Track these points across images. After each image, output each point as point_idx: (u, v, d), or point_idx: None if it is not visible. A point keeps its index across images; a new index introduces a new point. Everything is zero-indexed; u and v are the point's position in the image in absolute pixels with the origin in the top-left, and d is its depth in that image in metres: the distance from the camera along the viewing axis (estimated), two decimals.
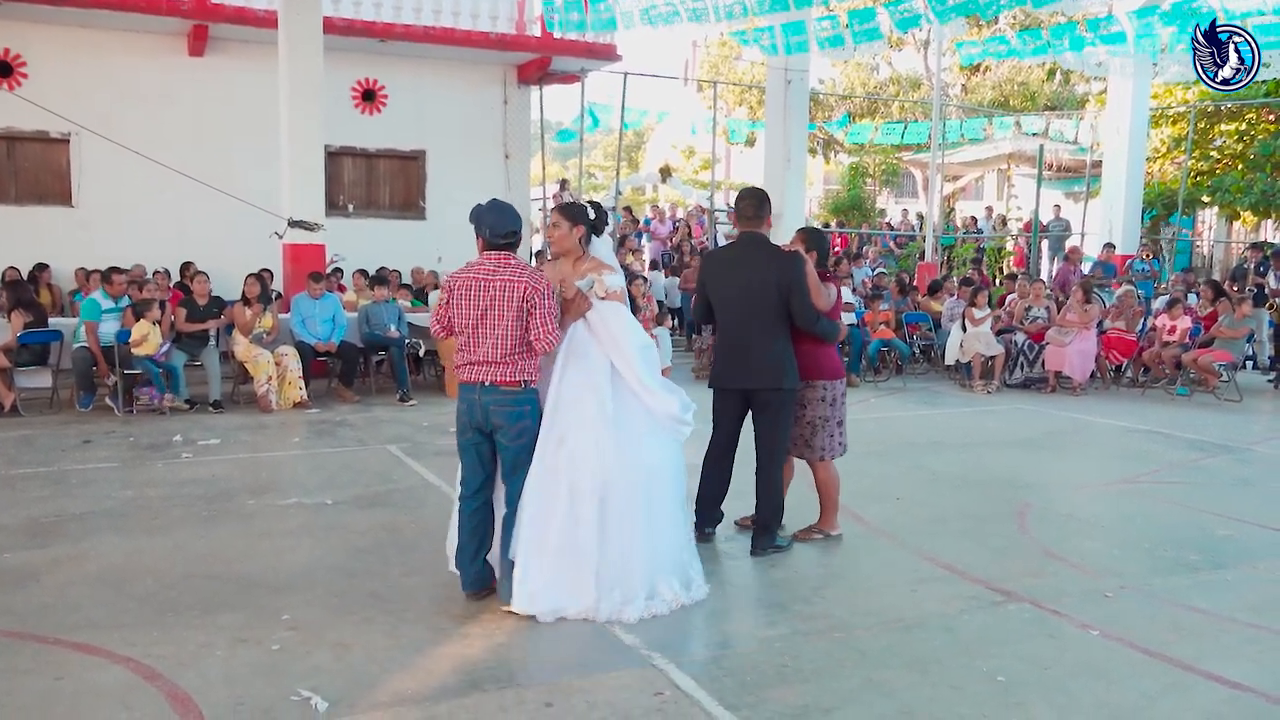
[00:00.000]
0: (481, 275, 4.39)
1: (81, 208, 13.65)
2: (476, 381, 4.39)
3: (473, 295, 4.37)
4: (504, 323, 4.33)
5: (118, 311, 9.52)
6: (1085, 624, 4.36)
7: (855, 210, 24.36)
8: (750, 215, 5.28)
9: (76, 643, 3.99)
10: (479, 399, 4.39)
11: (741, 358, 5.18)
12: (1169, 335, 11.74)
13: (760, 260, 5.16)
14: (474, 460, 4.49)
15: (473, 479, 4.51)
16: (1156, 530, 5.91)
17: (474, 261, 4.48)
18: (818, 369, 5.34)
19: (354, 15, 13.90)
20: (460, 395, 4.47)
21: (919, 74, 29.67)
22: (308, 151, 11.24)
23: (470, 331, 4.39)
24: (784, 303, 5.09)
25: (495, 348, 4.35)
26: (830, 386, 5.39)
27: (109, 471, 7.03)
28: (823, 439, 5.40)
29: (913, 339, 13.15)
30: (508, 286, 4.34)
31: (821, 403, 5.39)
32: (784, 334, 5.16)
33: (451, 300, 4.43)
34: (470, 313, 4.37)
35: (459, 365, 4.48)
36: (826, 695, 3.63)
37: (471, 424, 4.43)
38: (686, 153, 37.86)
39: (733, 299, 5.21)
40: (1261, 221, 22.19)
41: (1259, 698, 3.69)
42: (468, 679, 3.72)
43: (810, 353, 5.30)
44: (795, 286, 5.07)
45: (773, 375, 5.13)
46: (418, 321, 11.12)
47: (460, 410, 4.46)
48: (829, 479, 5.49)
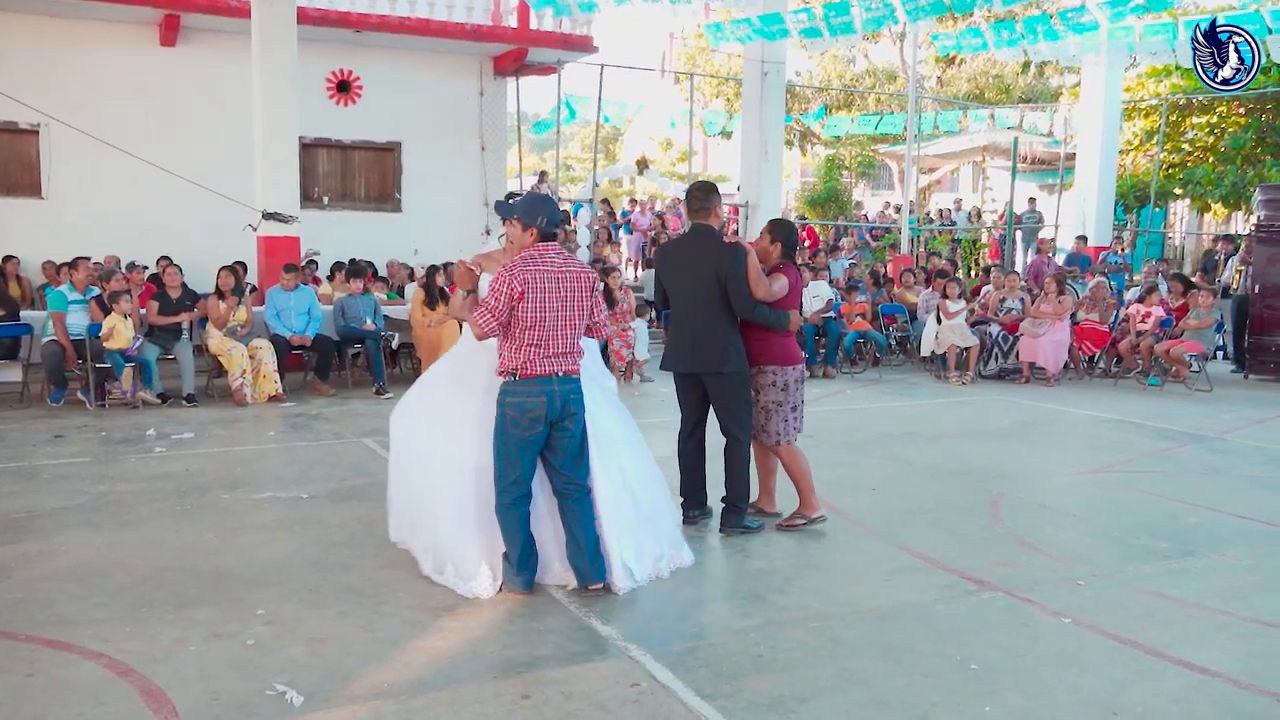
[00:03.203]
0: (554, 269, 4.45)
1: (51, 199, 13.51)
2: (553, 373, 4.42)
3: (553, 289, 4.41)
4: (578, 313, 4.48)
5: (85, 303, 9.41)
6: (1058, 612, 4.41)
7: (832, 202, 24.45)
8: (697, 208, 5.50)
9: (48, 639, 3.95)
10: (557, 390, 4.42)
11: (686, 342, 5.43)
12: (1142, 324, 11.87)
13: (704, 251, 5.37)
14: (533, 454, 4.48)
15: (530, 473, 4.49)
16: (1128, 519, 5.97)
17: (531, 255, 4.44)
18: (768, 354, 5.48)
19: (328, 5, 13.80)
20: (531, 390, 4.38)
21: (895, 66, 29.78)
22: (282, 143, 11.15)
23: (550, 324, 4.41)
24: (725, 291, 5.28)
25: (570, 338, 4.48)
26: (780, 372, 5.50)
27: (81, 466, 6.96)
28: (776, 424, 5.51)
29: (889, 331, 13.22)
30: (579, 277, 4.50)
31: (773, 388, 5.50)
32: (728, 321, 5.35)
33: (529, 296, 4.36)
34: (553, 305, 4.40)
35: (527, 360, 4.38)
36: (802, 684, 3.65)
37: (546, 417, 4.41)
38: (664, 145, 37.83)
39: (681, 288, 5.46)
40: (1232, 213, 22.45)
41: (1227, 683, 3.74)
42: (444, 672, 3.71)
43: (762, 339, 5.46)
44: (732, 276, 5.26)
45: (713, 359, 5.33)
46: (394, 314, 11.07)
47: (531, 405, 4.37)
48: (792, 462, 5.58)
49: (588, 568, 4.50)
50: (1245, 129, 19.46)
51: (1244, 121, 19.73)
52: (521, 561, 4.48)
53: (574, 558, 4.54)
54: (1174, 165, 20.34)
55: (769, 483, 5.86)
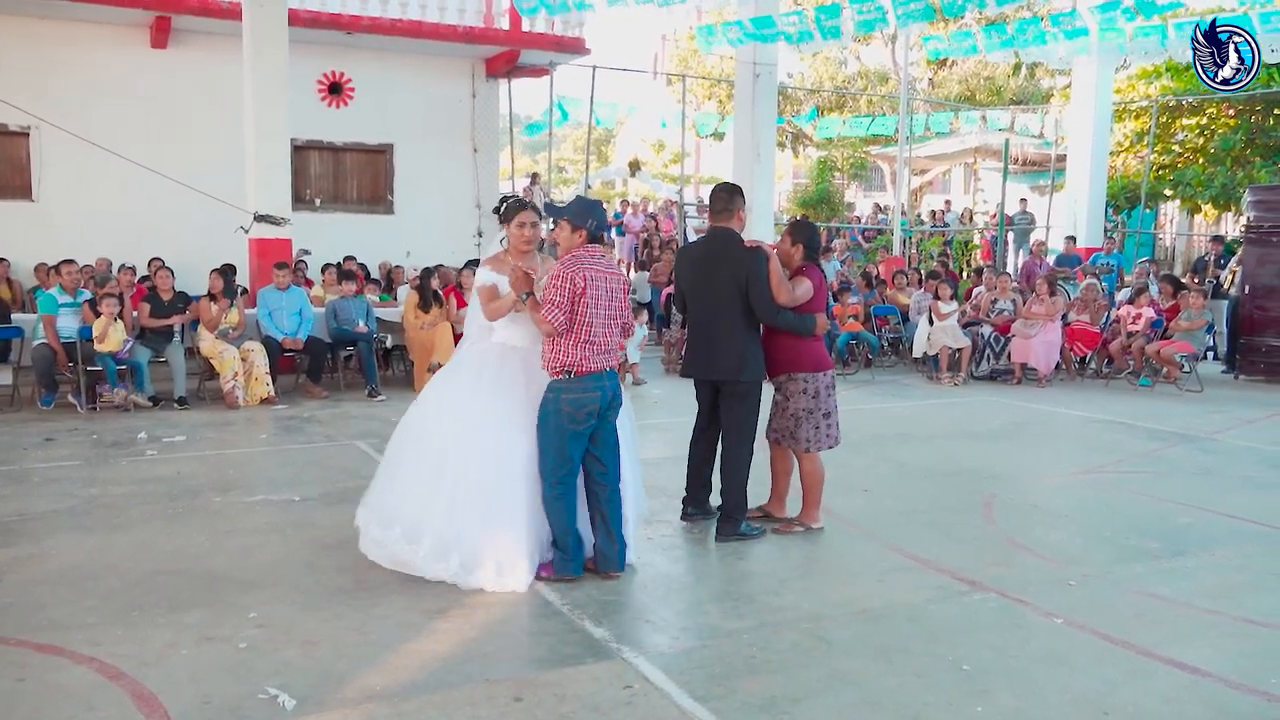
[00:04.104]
0: (604, 268, 4.69)
1: (42, 201, 13.44)
2: (603, 369, 4.66)
3: (603, 288, 4.63)
4: (620, 311, 4.77)
5: (76, 306, 9.38)
6: (1049, 612, 4.42)
7: (824, 204, 24.47)
8: (720, 210, 5.42)
9: (39, 643, 3.94)
10: (608, 384, 4.67)
11: (705, 349, 5.37)
12: (1133, 325, 11.91)
13: (724, 255, 5.30)
14: (583, 447, 4.68)
15: (579, 465, 4.69)
16: (1119, 519, 5.99)
17: (582, 255, 4.64)
18: (798, 361, 5.42)
19: (320, 7, 13.76)
20: (586, 386, 4.59)
21: (886, 68, 29.84)
22: (273, 145, 11.12)
23: (601, 322, 4.62)
24: (746, 297, 5.21)
25: (615, 335, 4.75)
26: (812, 379, 5.44)
27: (72, 469, 6.94)
28: (807, 430, 5.45)
29: (881, 332, 13.25)
30: (618, 278, 4.80)
31: (804, 395, 5.43)
32: (748, 327, 5.28)
33: (589, 295, 4.56)
34: (603, 304, 4.63)
35: (583, 357, 4.57)
36: (794, 685, 3.66)
37: (598, 411, 4.63)
38: (656, 146, 37.84)
39: (700, 293, 5.38)
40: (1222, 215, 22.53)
41: (1218, 682, 3.76)
42: (437, 674, 3.71)
43: (790, 345, 5.40)
44: (753, 281, 5.20)
45: (731, 368, 5.29)
46: (386, 316, 11.06)
47: (587, 400, 4.59)
48: (813, 470, 5.54)
49: (614, 555, 4.73)
50: (1234, 130, 19.54)
51: (1233, 123, 19.80)
52: (575, 548, 4.67)
53: (603, 544, 4.74)
54: (1164, 167, 20.41)
55: (781, 486, 5.77)
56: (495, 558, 4.58)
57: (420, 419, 4.95)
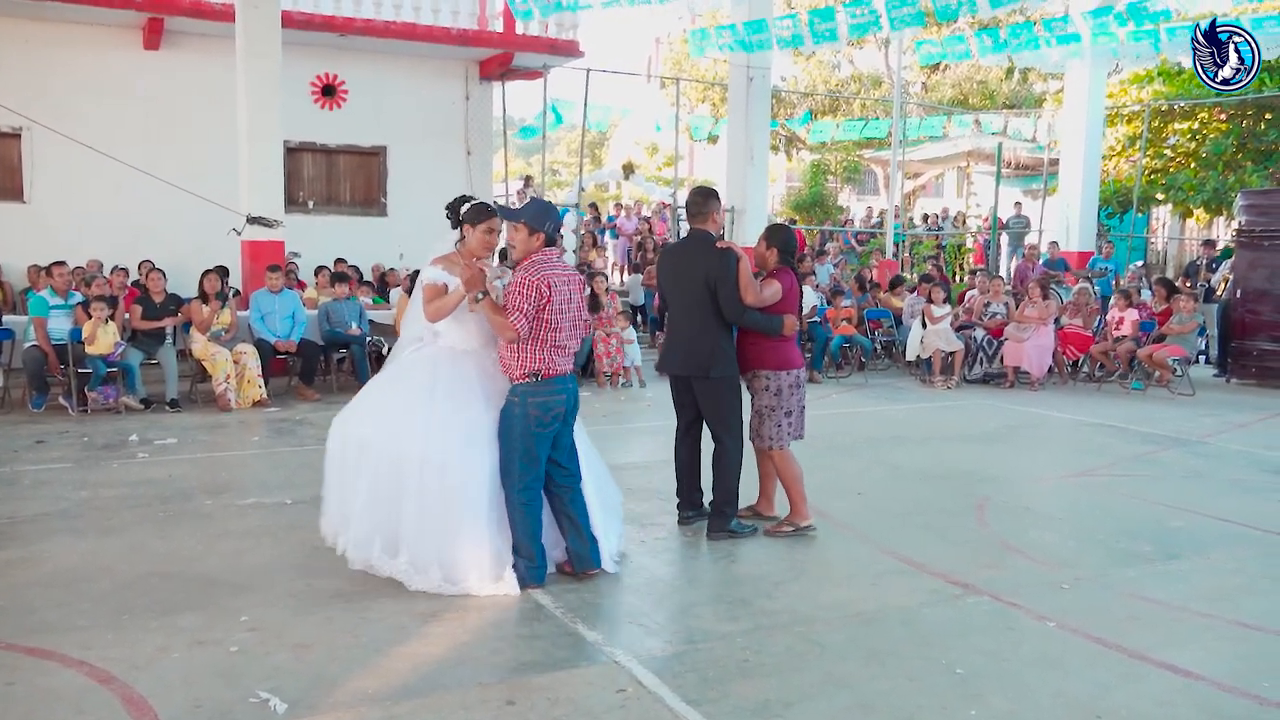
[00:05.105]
0: (564, 271, 4.65)
1: (34, 203, 13.40)
2: (566, 372, 4.66)
3: (564, 291, 4.60)
4: (579, 313, 4.72)
5: (68, 308, 9.35)
6: (1042, 616, 4.43)
7: (817, 207, 24.50)
8: (695, 213, 5.59)
9: (29, 647, 3.92)
10: (571, 387, 4.69)
11: (678, 346, 5.55)
12: (1118, 329, 11.95)
13: (696, 256, 5.46)
14: (548, 450, 4.64)
15: (544, 469, 4.65)
16: (1111, 522, 6.00)
17: (543, 260, 4.61)
18: (762, 359, 5.53)
19: (313, 9, 13.73)
20: (553, 389, 4.58)
21: (880, 72, 29.89)
22: (266, 147, 11.10)
23: (565, 325, 4.60)
24: (715, 297, 5.36)
25: (578, 338, 4.72)
26: (774, 376, 5.52)
27: (63, 472, 6.91)
28: (769, 428, 5.53)
29: (874, 335, 13.26)
30: (576, 280, 4.76)
31: (766, 392, 5.53)
32: (720, 325, 5.43)
33: (554, 299, 4.53)
34: (565, 307, 4.59)
35: (550, 361, 4.57)
36: (787, 689, 3.66)
37: (563, 414, 4.62)
38: (650, 149, 37.89)
39: (676, 292, 5.57)
40: (1214, 219, 22.62)
41: (1210, 686, 3.77)
42: (429, 678, 3.70)
43: (757, 343, 5.52)
44: (720, 282, 5.34)
45: (701, 364, 5.42)
46: (379, 319, 11.04)
47: (553, 403, 4.58)
48: (784, 467, 5.59)
49: (588, 554, 4.72)
50: (1226, 135, 19.60)
51: (1225, 128, 19.87)
52: (540, 555, 4.64)
53: (575, 544, 4.72)
54: (1156, 171, 20.47)
55: (768, 486, 5.86)
56: (478, 566, 4.53)
57: (373, 428, 4.78)
